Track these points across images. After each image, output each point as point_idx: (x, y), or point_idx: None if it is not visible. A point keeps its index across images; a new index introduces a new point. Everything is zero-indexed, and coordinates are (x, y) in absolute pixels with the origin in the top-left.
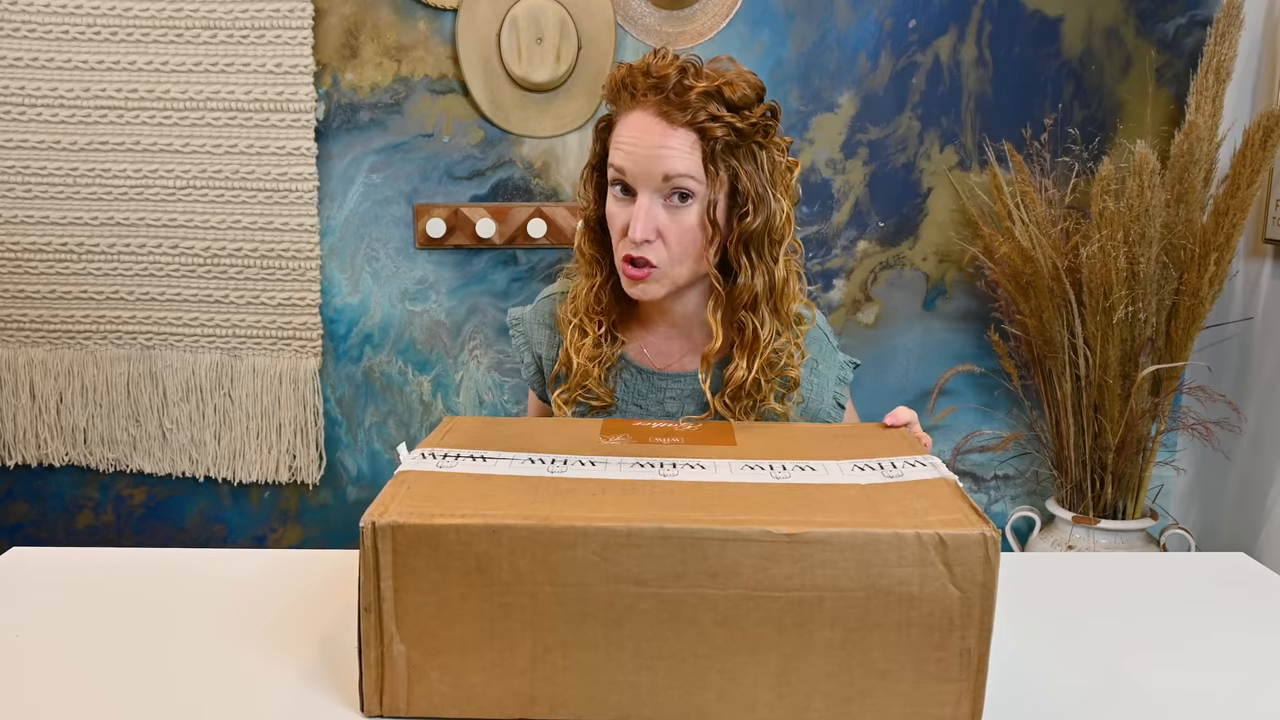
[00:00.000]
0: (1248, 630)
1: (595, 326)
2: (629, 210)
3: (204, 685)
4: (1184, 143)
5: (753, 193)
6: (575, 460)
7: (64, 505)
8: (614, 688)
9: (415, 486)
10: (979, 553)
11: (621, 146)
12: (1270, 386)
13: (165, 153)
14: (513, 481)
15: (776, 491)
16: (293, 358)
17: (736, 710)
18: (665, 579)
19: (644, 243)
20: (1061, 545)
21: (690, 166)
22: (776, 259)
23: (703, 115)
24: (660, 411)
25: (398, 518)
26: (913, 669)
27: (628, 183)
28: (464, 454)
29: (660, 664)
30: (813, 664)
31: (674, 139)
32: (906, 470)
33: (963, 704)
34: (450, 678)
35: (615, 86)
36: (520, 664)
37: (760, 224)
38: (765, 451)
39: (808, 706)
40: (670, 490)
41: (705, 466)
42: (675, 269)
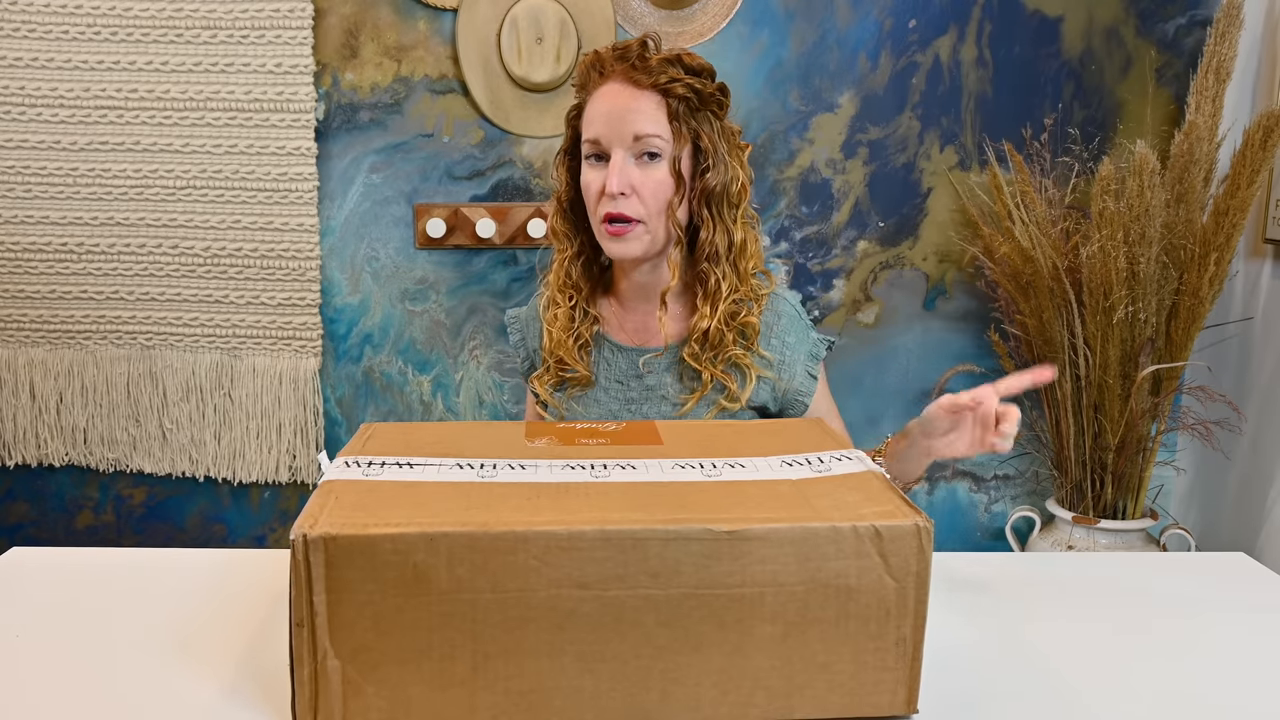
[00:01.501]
0: (1248, 630)
1: (566, 300)
2: (602, 175)
3: (204, 685)
4: (1184, 143)
5: (712, 151)
6: (504, 464)
7: (64, 505)
8: (556, 693)
9: (343, 496)
10: (913, 543)
11: (596, 118)
12: (1270, 386)
13: (165, 153)
14: (444, 488)
15: (710, 489)
16: (293, 358)
17: (680, 709)
18: (607, 581)
19: (620, 196)
20: (1061, 545)
21: (658, 125)
22: (735, 221)
23: (664, 77)
24: (640, 385)
25: (330, 529)
26: (851, 659)
27: (603, 147)
28: (389, 461)
29: (603, 667)
30: (754, 659)
31: (642, 100)
32: (834, 464)
33: (899, 691)
34: (387, 691)
35: (584, 70)
36: (460, 674)
37: (719, 183)
38: (692, 449)
39: (750, 702)
40: (605, 492)
41: (636, 467)
42: (653, 222)
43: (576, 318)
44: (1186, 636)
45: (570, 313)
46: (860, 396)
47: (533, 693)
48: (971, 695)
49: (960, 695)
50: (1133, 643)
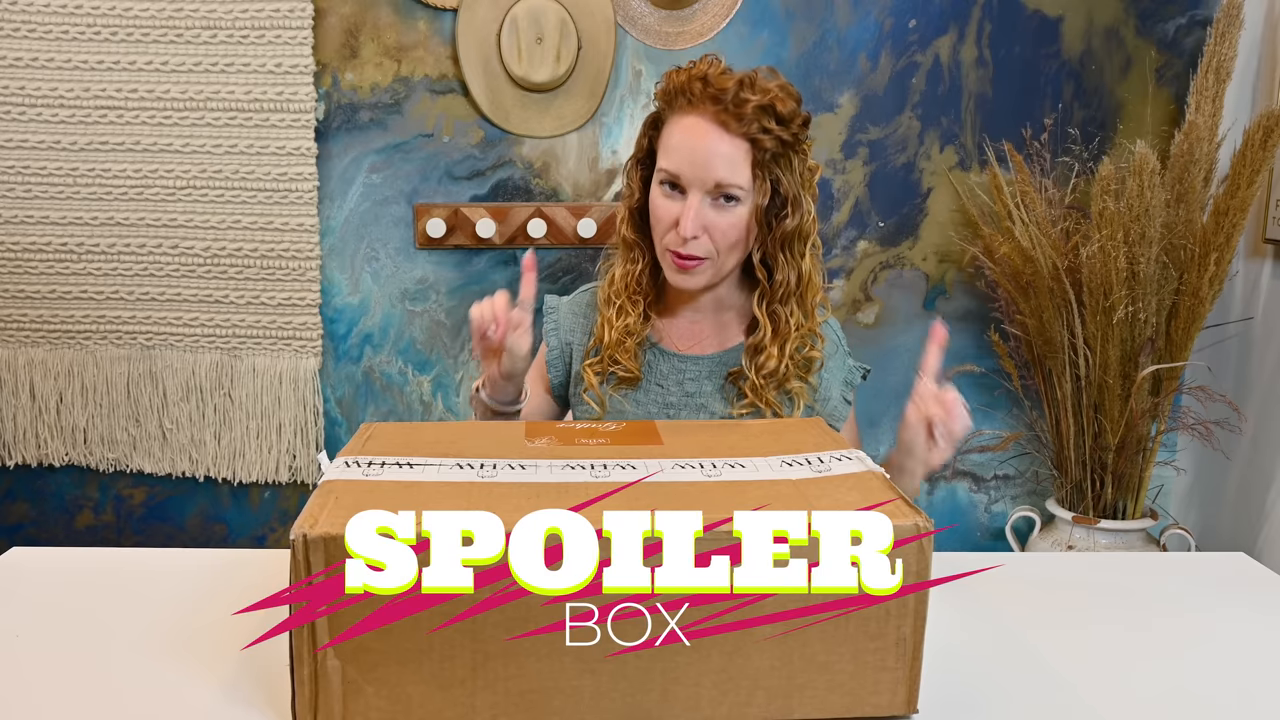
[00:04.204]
0: (1248, 630)
1: (635, 306)
2: (676, 207)
3: (205, 685)
4: (1184, 143)
5: (791, 197)
6: (504, 464)
7: (64, 505)
8: (556, 693)
9: (343, 497)
10: (913, 543)
11: (678, 150)
12: (1270, 386)
13: (165, 153)
14: (444, 488)
15: (711, 489)
16: (293, 358)
17: (680, 709)
18: None
19: (692, 239)
20: (1061, 545)
21: (741, 175)
22: (804, 255)
23: (755, 128)
24: (680, 391)
25: (330, 529)
26: (851, 659)
27: (682, 185)
28: (389, 461)
29: (603, 666)
30: (754, 659)
31: (728, 146)
32: (834, 464)
33: (899, 691)
34: (387, 691)
35: (673, 90)
36: (460, 673)
37: (795, 225)
38: (692, 449)
39: (749, 702)
40: (604, 492)
41: (636, 467)
42: (721, 260)
43: (635, 325)
44: (1186, 636)
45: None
46: (860, 397)
47: (533, 692)
48: (971, 695)
49: (960, 695)
50: (1133, 643)
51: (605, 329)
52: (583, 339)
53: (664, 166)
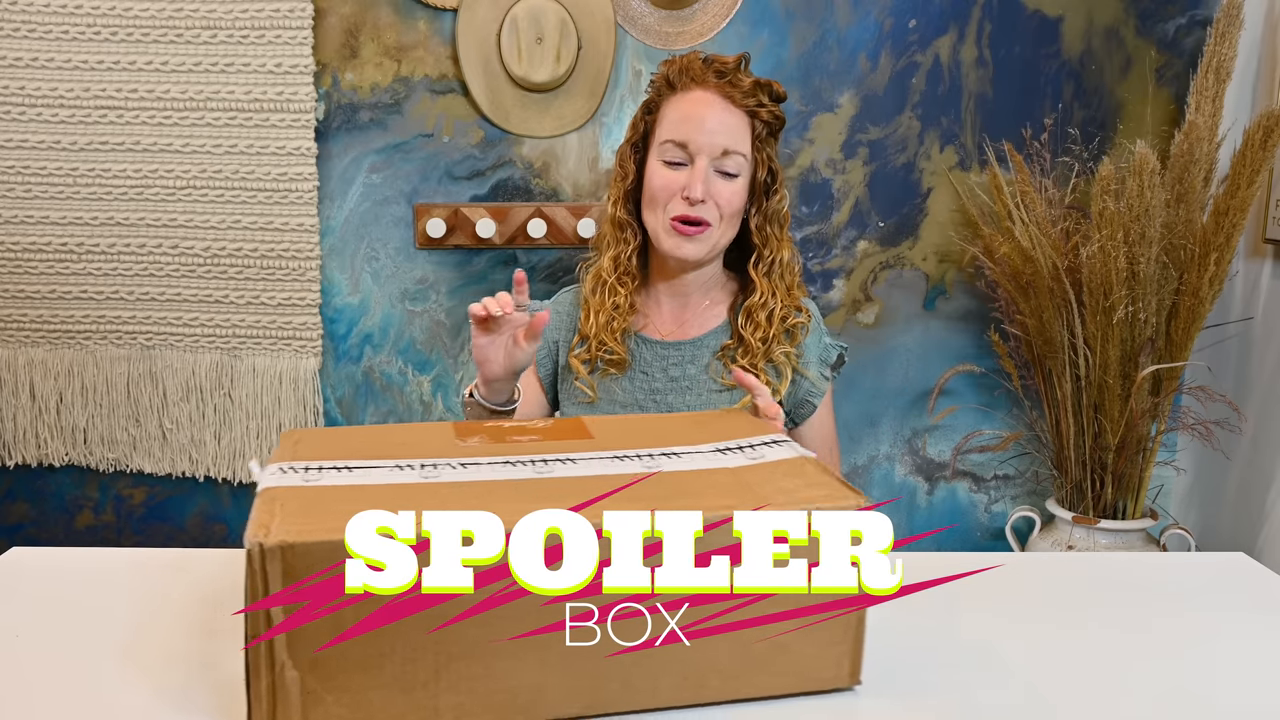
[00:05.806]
0: (1248, 630)
1: (622, 287)
2: (680, 176)
3: (204, 685)
4: (1184, 143)
5: (780, 175)
6: (445, 464)
7: (64, 505)
8: (520, 691)
9: (289, 503)
10: None
11: (686, 119)
12: (1270, 386)
13: (165, 153)
14: (390, 490)
15: (653, 480)
16: (293, 358)
17: (640, 696)
18: None
19: (699, 202)
20: (1061, 545)
21: (744, 145)
22: (784, 240)
23: (754, 101)
24: (664, 377)
25: (286, 537)
26: (800, 637)
27: (689, 152)
28: (326, 466)
29: (565, 662)
30: (710, 643)
31: (732, 117)
32: (765, 451)
33: (843, 664)
34: (349, 699)
35: (677, 69)
36: (423, 676)
37: (779, 203)
38: (624, 441)
39: (704, 684)
40: (552, 486)
41: (576, 460)
42: (720, 231)
43: (624, 306)
44: (1186, 636)
45: (622, 301)
46: (860, 397)
47: (495, 692)
48: (972, 695)
49: (961, 695)
50: (1133, 643)
51: (592, 318)
52: (568, 336)
53: (670, 137)
